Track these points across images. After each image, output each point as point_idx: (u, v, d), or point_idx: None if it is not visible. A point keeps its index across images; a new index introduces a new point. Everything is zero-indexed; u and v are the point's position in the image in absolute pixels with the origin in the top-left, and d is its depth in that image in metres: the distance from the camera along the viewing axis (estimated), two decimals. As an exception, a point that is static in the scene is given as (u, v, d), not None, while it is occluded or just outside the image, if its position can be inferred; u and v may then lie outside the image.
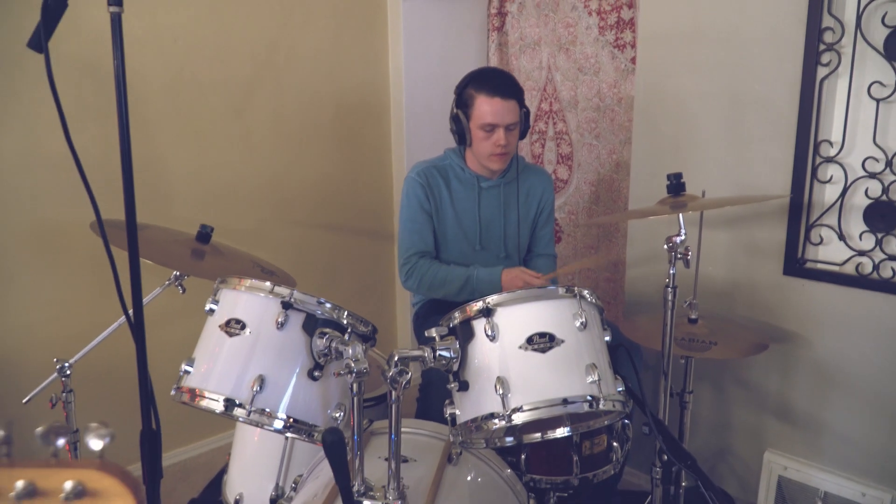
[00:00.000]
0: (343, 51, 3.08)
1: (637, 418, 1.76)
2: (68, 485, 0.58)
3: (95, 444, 0.62)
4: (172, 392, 1.49)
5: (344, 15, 3.06)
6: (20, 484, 0.59)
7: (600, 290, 3.09)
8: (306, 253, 3.04)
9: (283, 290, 1.46)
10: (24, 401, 1.85)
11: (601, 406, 1.34)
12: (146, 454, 1.27)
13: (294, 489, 1.82)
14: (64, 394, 1.86)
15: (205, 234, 1.96)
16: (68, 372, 1.84)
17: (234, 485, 2.01)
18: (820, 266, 2.17)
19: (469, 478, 1.64)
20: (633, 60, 2.80)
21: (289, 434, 1.59)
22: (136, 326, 1.21)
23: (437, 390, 2.09)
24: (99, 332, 1.90)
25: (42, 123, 2.29)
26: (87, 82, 2.34)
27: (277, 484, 1.89)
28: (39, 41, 1.04)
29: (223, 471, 2.18)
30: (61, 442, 0.62)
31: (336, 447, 0.99)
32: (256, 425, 1.45)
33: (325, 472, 1.65)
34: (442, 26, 3.31)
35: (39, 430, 0.62)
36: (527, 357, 1.36)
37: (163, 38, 2.50)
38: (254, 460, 2.00)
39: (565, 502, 2.00)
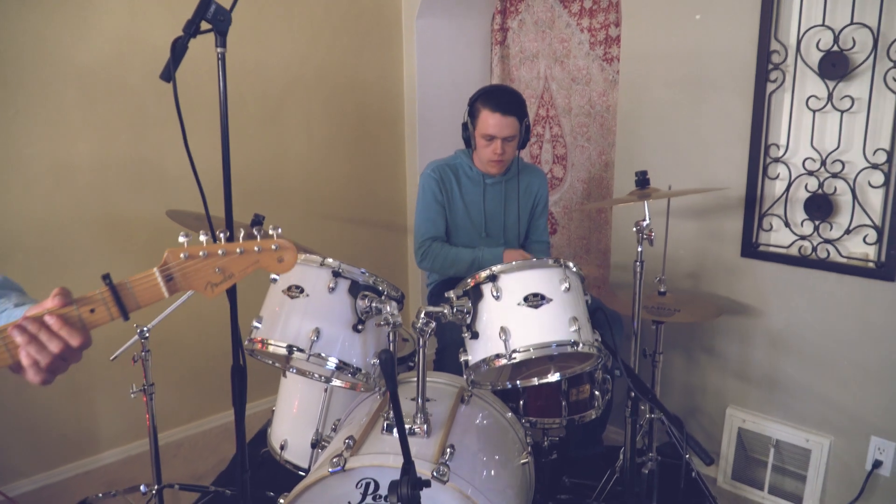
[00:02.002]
0: (363, 65, 3.48)
1: (619, 385, 2.17)
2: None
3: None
4: (245, 342, 1.89)
5: (364, 34, 3.45)
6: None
7: (590, 279, 3.49)
8: (330, 243, 3.42)
9: (333, 262, 1.87)
10: (111, 358, 2.26)
11: (580, 348, 1.75)
12: (236, 385, 1.67)
13: (334, 430, 2.21)
14: (143, 353, 2.26)
15: (258, 221, 2.35)
16: (147, 335, 2.24)
17: (279, 434, 2.37)
18: (770, 249, 2.57)
19: (478, 416, 2.03)
20: (620, 72, 3.20)
21: (336, 379, 2.01)
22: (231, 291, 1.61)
23: (450, 353, 2.49)
24: (168, 304, 2.30)
25: (114, 131, 2.69)
26: (149, 96, 2.75)
27: (317, 430, 2.26)
28: (169, 73, 1.44)
29: (266, 426, 2.56)
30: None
31: (388, 363, 1.38)
32: (315, 365, 1.85)
33: (360, 413, 2.04)
34: (450, 41, 3.69)
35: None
36: (523, 312, 1.77)
37: (214, 59, 2.90)
38: (296, 412, 2.35)
39: (557, 446, 2.40)
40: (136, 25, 2.68)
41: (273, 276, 1.95)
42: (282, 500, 1.76)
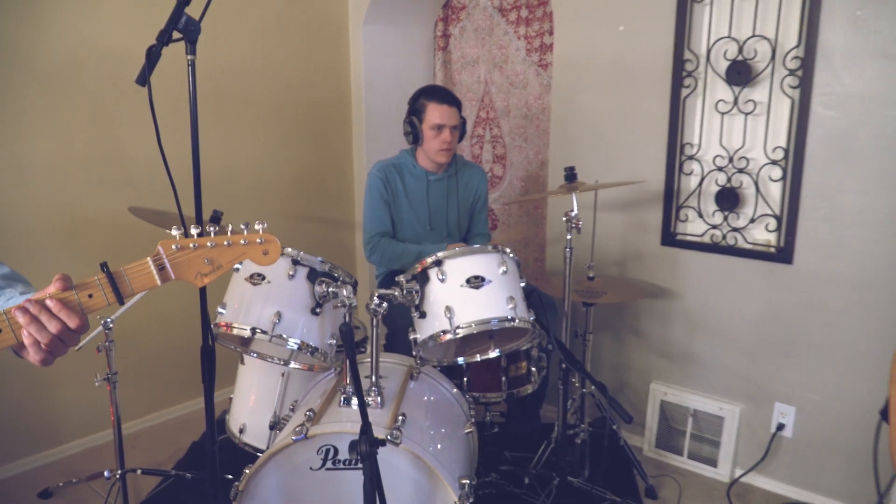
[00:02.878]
0: (313, 68, 3.64)
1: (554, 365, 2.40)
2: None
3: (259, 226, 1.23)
4: (211, 327, 2.05)
5: (314, 38, 3.61)
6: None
7: (529, 267, 3.74)
8: (282, 238, 3.45)
9: (292, 251, 2.04)
10: (76, 348, 2.37)
11: (517, 323, 1.98)
12: (205, 364, 1.82)
13: (292, 410, 2.37)
14: (107, 343, 2.38)
15: (216, 217, 2.50)
16: (111, 326, 2.36)
17: (238, 418, 2.51)
18: (686, 238, 2.85)
19: (426, 391, 2.22)
20: (553, 77, 3.45)
21: (294, 362, 2.18)
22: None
23: (399, 338, 2.67)
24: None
25: (72, 131, 2.79)
26: (107, 96, 2.86)
27: (275, 412, 2.42)
28: (144, 78, 1.60)
29: (222, 415, 2.68)
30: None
31: (348, 334, 1.57)
32: (276, 346, 2.02)
33: (316, 392, 2.21)
34: (395, 47, 3.88)
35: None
36: (466, 292, 1.99)
37: (171, 62, 3.02)
38: (254, 396, 2.48)
39: (499, 423, 2.63)
40: (94, 28, 2.79)
41: (236, 265, 2.11)
42: (247, 470, 1.92)
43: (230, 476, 2.61)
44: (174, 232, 1.18)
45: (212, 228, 1.24)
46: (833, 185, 2.47)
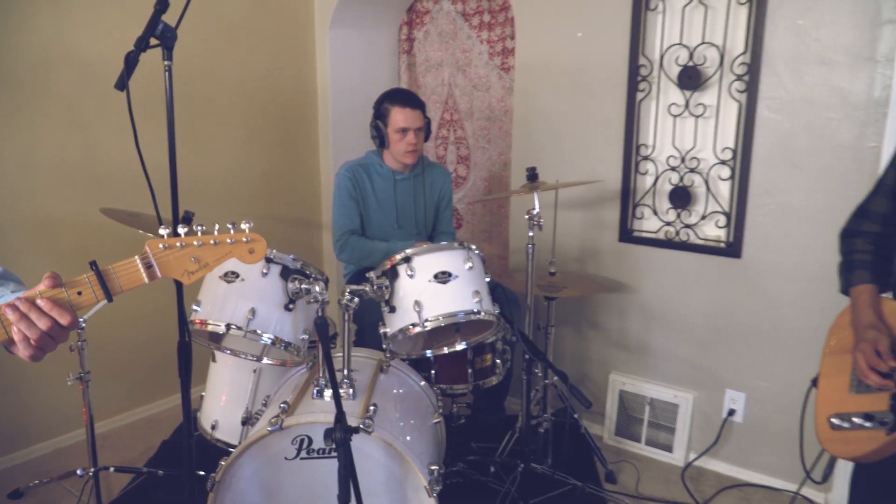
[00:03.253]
0: (280, 70, 3.69)
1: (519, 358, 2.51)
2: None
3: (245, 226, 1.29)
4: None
5: (281, 41, 3.67)
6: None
7: (493, 265, 3.84)
8: None
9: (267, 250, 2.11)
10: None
11: (482, 316, 2.08)
12: (182, 360, 1.88)
13: (265, 405, 2.43)
14: (80, 342, 2.41)
15: (188, 217, 2.55)
16: (83, 326, 2.40)
17: (209, 415, 2.54)
18: (642, 234, 2.99)
19: (396, 383, 2.31)
20: (515, 81, 3.56)
21: (266, 358, 2.24)
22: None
23: (368, 334, 2.75)
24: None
25: (40, 132, 2.81)
26: (75, 99, 2.88)
27: (247, 408, 2.47)
28: (123, 82, 1.65)
29: (195, 412, 2.71)
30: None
31: (322, 326, 1.65)
32: (250, 342, 2.09)
33: (289, 387, 2.28)
34: (361, 50, 3.95)
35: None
36: (434, 287, 2.08)
37: (144, 65, 3.05)
38: (226, 393, 2.53)
39: (466, 416, 2.73)
40: (63, 33, 2.81)
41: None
42: (223, 462, 1.98)
43: (202, 472, 2.67)
44: (162, 231, 1.24)
45: (183, 229, 1.30)
46: (778, 183, 2.62)
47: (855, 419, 1.56)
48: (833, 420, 1.61)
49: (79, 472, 2.51)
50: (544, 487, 2.64)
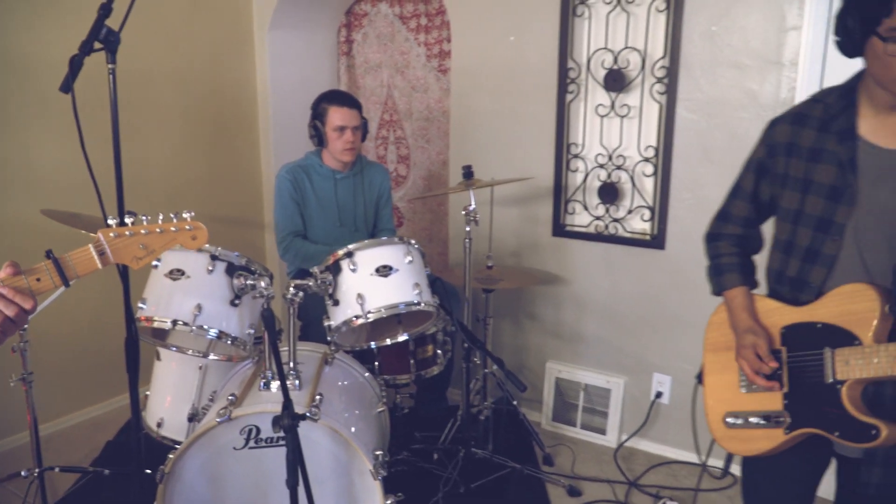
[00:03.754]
0: (220, 72, 3.72)
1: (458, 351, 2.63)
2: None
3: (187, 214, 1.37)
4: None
5: (220, 43, 3.69)
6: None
7: (433, 261, 3.96)
8: None
9: (211, 247, 2.17)
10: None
11: (422, 307, 2.19)
12: (130, 356, 1.92)
13: (211, 400, 2.47)
14: (22, 343, 2.41)
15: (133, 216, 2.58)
16: (25, 327, 2.40)
17: (155, 413, 2.55)
18: (574, 229, 3.15)
19: (340, 374, 2.39)
20: (451, 82, 3.68)
21: (212, 354, 2.30)
22: (124, 276, 1.86)
23: (312, 330, 2.83)
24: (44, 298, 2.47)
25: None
26: (10, 99, 2.87)
27: (194, 405, 2.51)
28: (67, 85, 1.69)
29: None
30: None
31: (269, 318, 1.73)
32: (197, 337, 2.14)
33: (235, 381, 2.33)
34: (300, 52, 4.00)
35: None
36: (375, 280, 2.18)
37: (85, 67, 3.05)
38: (172, 391, 2.55)
39: (409, 405, 2.83)
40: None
41: (154, 262, 2.22)
42: (171, 455, 2.03)
43: (149, 471, 2.70)
44: (111, 222, 1.33)
45: (130, 219, 1.40)
46: (696, 179, 2.81)
47: (752, 419, 1.61)
48: (729, 419, 1.66)
49: (23, 472, 2.51)
50: (485, 471, 2.77)
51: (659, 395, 3.03)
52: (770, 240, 1.70)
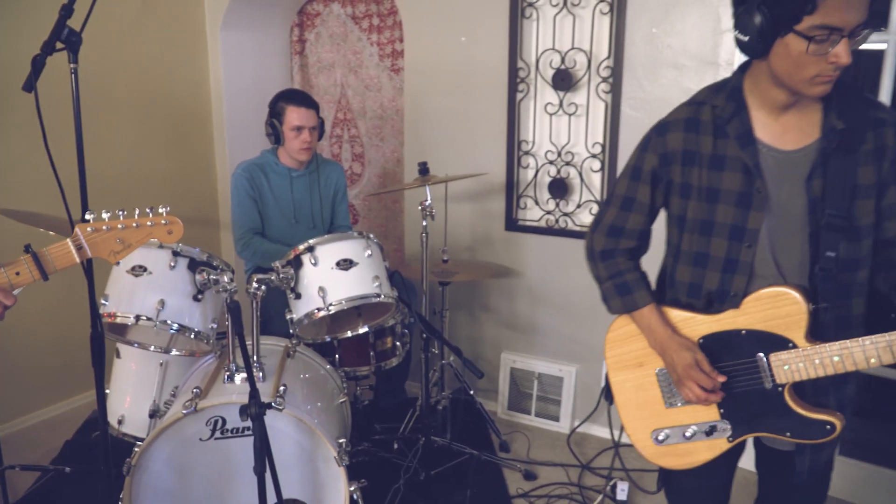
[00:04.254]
0: (174, 72, 3.71)
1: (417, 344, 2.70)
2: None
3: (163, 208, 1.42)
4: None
5: (173, 43, 3.69)
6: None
7: (389, 257, 4.01)
8: None
9: (173, 244, 2.20)
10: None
11: (382, 299, 2.27)
12: (96, 350, 1.95)
13: (173, 396, 2.49)
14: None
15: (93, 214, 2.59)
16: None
17: (116, 410, 2.55)
18: (526, 223, 3.27)
19: (302, 367, 2.44)
20: (405, 82, 3.76)
21: (175, 350, 2.33)
22: (88, 272, 1.89)
23: (272, 324, 2.87)
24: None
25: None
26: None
27: (155, 401, 2.53)
28: (31, 84, 1.72)
29: (93, 414, 2.72)
30: None
31: (236, 309, 1.78)
32: (161, 332, 2.18)
33: (198, 376, 2.36)
34: (253, 51, 4.03)
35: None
36: (336, 273, 2.25)
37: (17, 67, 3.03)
38: (132, 388, 2.56)
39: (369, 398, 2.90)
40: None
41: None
42: (136, 449, 2.06)
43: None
44: (88, 217, 1.37)
45: (90, 215, 1.45)
46: (640, 174, 2.95)
47: (687, 433, 1.58)
48: (659, 437, 1.62)
49: (-19, 473, 2.50)
50: (444, 458, 2.86)
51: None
52: (668, 248, 1.66)
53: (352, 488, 2.13)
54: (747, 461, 1.91)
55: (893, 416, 3.03)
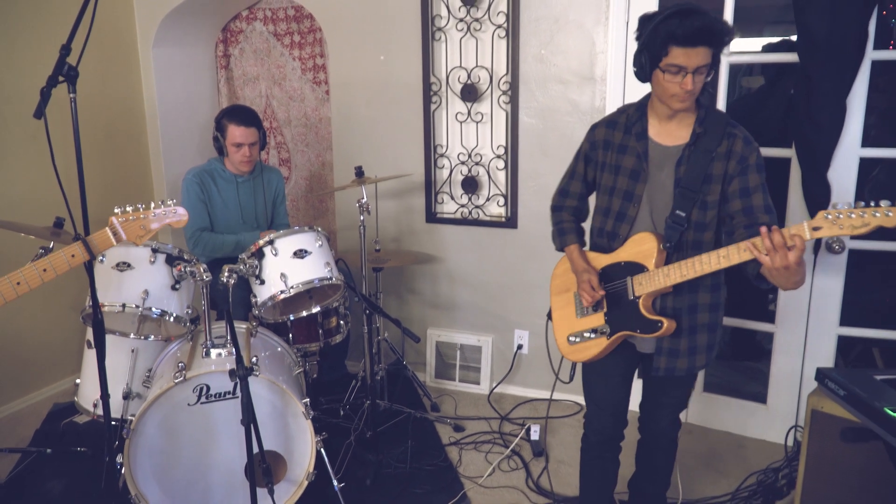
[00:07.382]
0: (108, 88, 3.96)
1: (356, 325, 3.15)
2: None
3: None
4: (81, 312, 2.50)
5: (107, 60, 3.95)
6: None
7: (320, 252, 4.44)
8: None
9: (151, 242, 2.57)
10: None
11: (333, 280, 2.72)
12: (97, 335, 2.29)
13: (149, 378, 2.79)
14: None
15: (59, 223, 2.86)
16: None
17: (90, 396, 2.82)
18: (444, 216, 3.78)
19: (264, 344, 2.85)
20: (328, 93, 4.18)
21: (151, 336, 2.69)
22: (89, 266, 2.23)
23: (234, 312, 3.24)
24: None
25: None
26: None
27: (127, 384, 2.84)
28: (40, 112, 2.06)
29: (59, 406, 2.96)
30: None
31: (225, 291, 2.19)
32: (145, 317, 2.54)
33: (173, 358, 2.72)
34: (183, 66, 4.32)
35: None
36: (294, 262, 2.68)
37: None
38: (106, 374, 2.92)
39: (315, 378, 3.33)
40: None
41: (101, 257, 2.57)
42: (132, 417, 2.41)
43: (83, 448, 3.01)
44: (116, 210, 1.78)
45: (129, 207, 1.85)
46: (537, 171, 3.53)
47: (585, 333, 2.22)
48: (570, 338, 2.26)
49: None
50: (386, 418, 3.34)
51: (520, 347, 3.74)
52: (593, 209, 2.31)
53: (317, 439, 2.57)
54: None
55: (746, 356, 3.77)
